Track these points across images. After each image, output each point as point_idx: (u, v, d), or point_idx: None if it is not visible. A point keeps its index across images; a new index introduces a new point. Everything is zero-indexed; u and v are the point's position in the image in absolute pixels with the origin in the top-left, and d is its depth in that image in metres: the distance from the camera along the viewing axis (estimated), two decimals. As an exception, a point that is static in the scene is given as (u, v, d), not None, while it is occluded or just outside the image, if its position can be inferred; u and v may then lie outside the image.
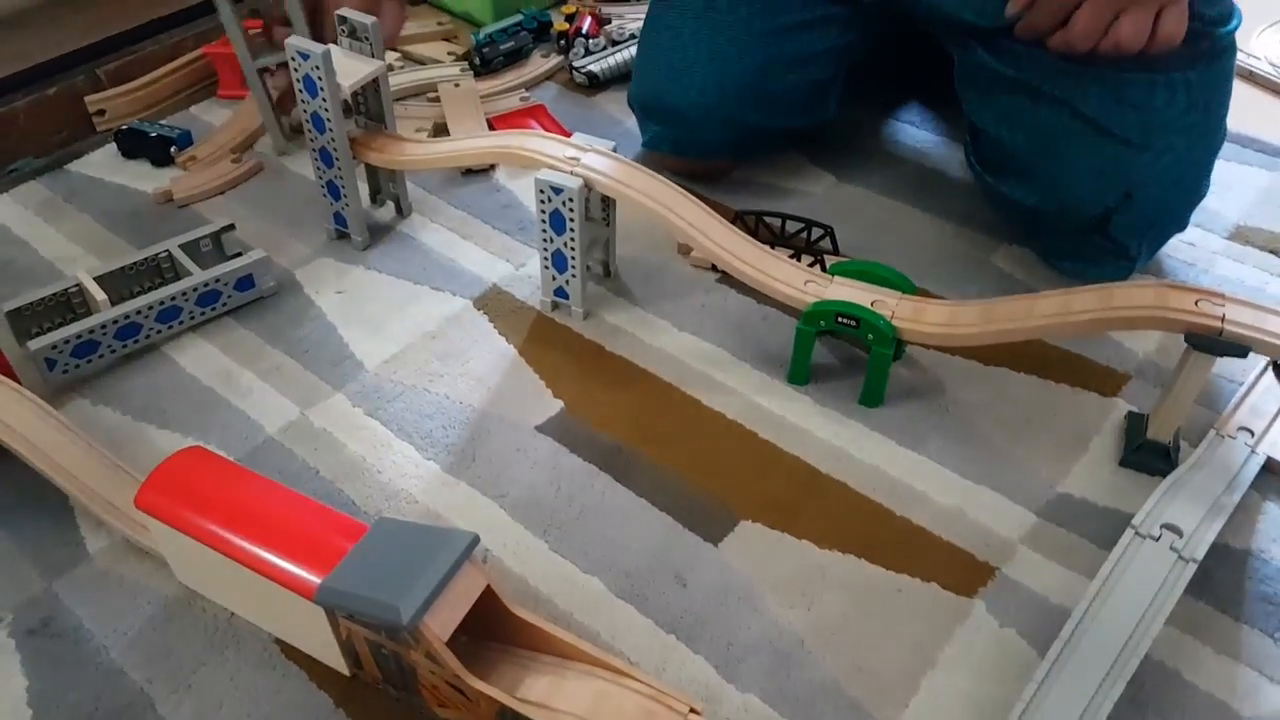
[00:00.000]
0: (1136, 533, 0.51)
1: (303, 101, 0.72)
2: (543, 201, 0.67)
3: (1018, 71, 0.70)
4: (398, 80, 0.96)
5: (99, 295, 0.68)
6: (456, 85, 0.95)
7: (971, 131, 0.79)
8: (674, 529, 0.58)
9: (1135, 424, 0.62)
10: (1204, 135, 0.68)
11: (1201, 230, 0.79)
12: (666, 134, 0.83)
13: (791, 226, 0.76)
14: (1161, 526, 0.52)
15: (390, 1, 0.79)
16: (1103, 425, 0.64)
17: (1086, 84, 0.67)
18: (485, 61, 0.99)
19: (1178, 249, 0.78)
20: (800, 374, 0.67)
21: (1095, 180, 0.69)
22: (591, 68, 0.98)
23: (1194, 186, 0.70)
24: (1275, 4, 1.11)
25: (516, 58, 1.01)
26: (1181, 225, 0.74)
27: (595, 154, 0.68)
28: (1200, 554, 0.50)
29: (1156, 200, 0.69)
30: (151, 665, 0.52)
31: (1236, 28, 0.69)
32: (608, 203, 0.71)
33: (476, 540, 0.46)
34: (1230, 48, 0.69)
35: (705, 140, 0.82)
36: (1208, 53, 0.67)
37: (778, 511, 0.59)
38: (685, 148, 0.82)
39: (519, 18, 1.03)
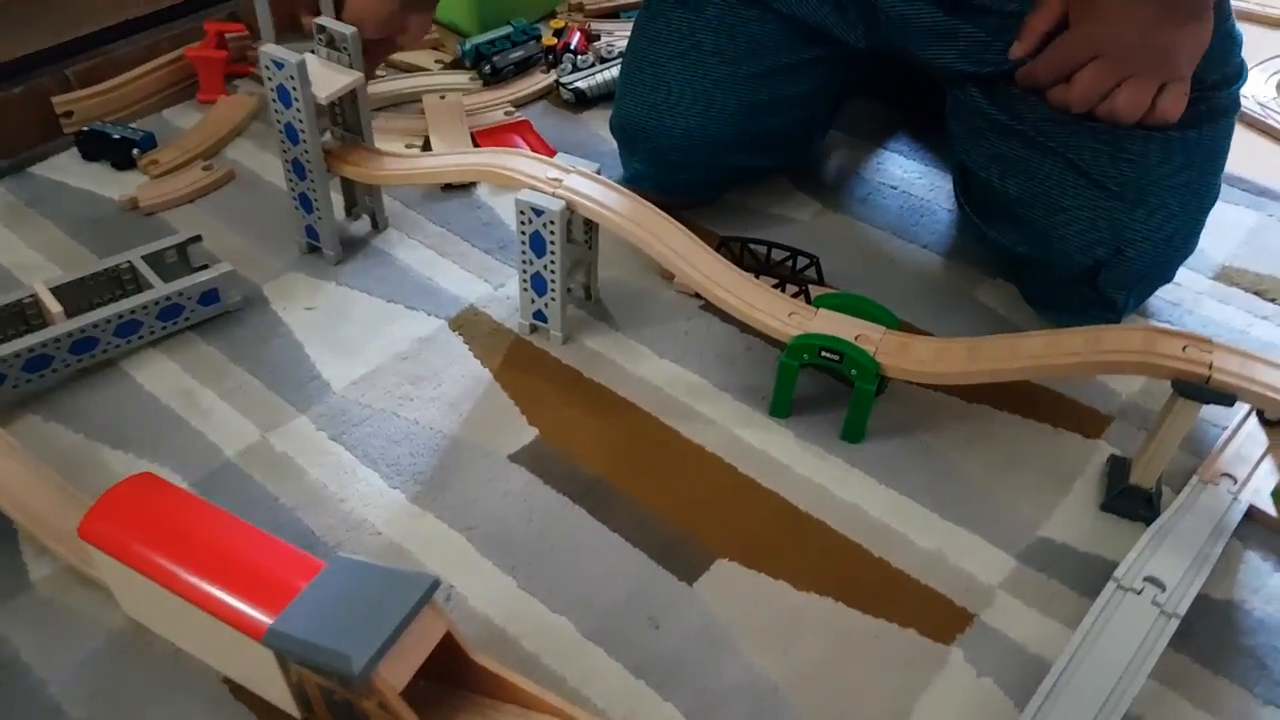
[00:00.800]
0: (1119, 585, 0.50)
1: (276, 112, 0.70)
2: (523, 223, 0.66)
3: (1012, 118, 0.69)
4: (398, 86, 0.95)
5: (54, 307, 0.66)
6: (442, 97, 0.93)
7: (961, 170, 0.77)
8: (648, 567, 0.56)
9: (1118, 468, 0.61)
10: (1197, 194, 0.67)
11: (1187, 270, 0.79)
12: (648, 173, 0.81)
13: (777, 255, 0.75)
14: (1144, 579, 0.50)
15: (416, 15, 0.76)
16: (1085, 467, 0.63)
17: (1082, 136, 0.66)
18: (496, 70, 0.97)
19: (1163, 290, 0.77)
20: (782, 408, 0.65)
21: (1087, 234, 0.67)
22: (579, 84, 0.96)
23: (1184, 243, 0.69)
24: (1263, 44, 1.11)
25: (526, 66, 0.99)
26: (1168, 278, 0.73)
27: (579, 175, 0.66)
28: (1183, 609, 0.49)
29: (1148, 257, 0.67)
30: (93, 703, 0.50)
31: (1241, 86, 0.68)
32: (590, 225, 0.69)
33: (436, 584, 0.44)
34: (1232, 106, 0.68)
35: (689, 181, 0.81)
36: (1206, 114, 0.65)
37: (755, 550, 0.57)
38: (667, 187, 0.81)
39: (508, 29, 1.01)
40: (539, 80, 0.99)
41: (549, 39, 1.01)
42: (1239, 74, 0.67)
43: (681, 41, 0.76)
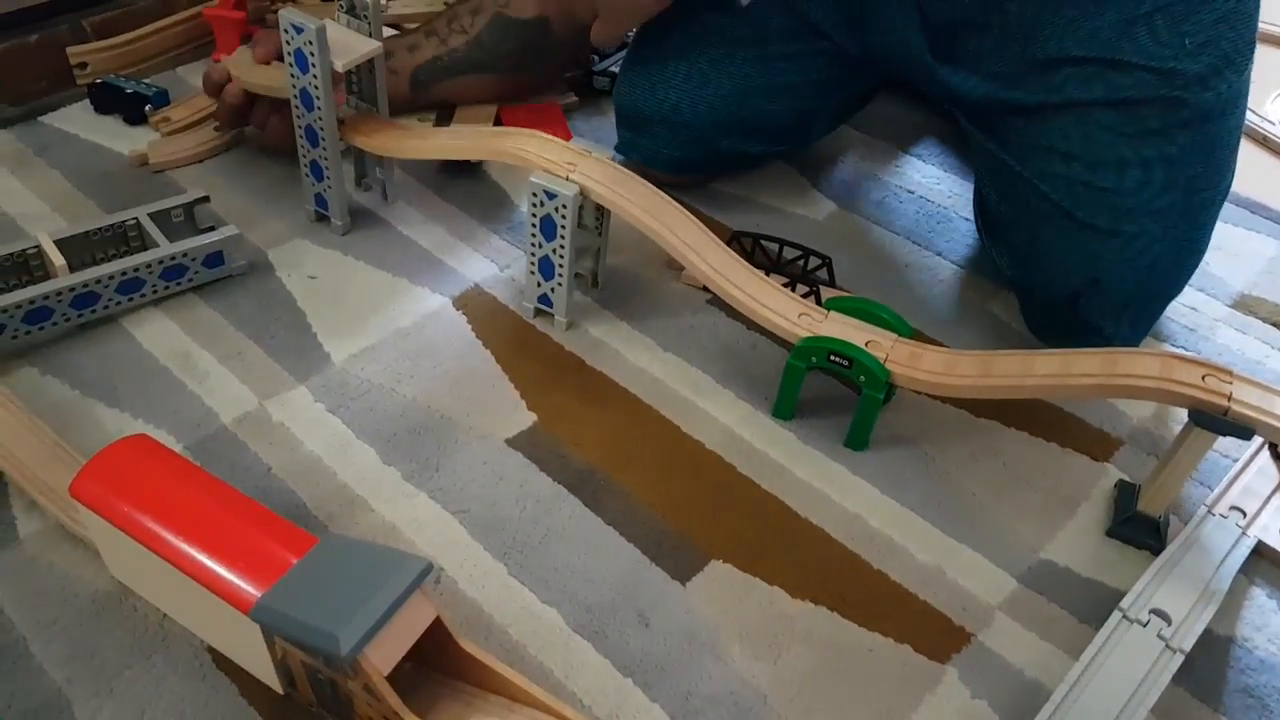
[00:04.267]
0: (1125, 616, 0.49)
1: (293, 77, 0.68)
2: (535, 205, 0.64)
3: (999, 146, 0.68)
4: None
5: (58, 260, 0.65)
6: None
7: (976, 185, 0.76)
8: (641, 563, 0.56)
9: (1126, 494, 0.60)
10: (1186, 214, 0.62)
11: (1205, 296, 0.78)
12: (636, 142, 0.80)
13: (789, 253, 0.74)
14: (1150, 612, 0.49)
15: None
16: (1091, 491, 0.62)
17: (1055, 164, 0.64)
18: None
19: (1179, 313, 0.76)
20: (786, 409, 0.64)
21: (1061, 263, 0.65)
22: (614, 69, 0.94)
23: (1176, 265, 0.65)
24: (1290, 68, 1.10)
25: None
26: (1171, 296, 0.70)
27: (594, 161, 0.65)
28: (1189, 644, 0.48)
29: (1128, 285, 0.64)
30: (73, 664, 0.49)
31: (1230, 87, 0.60)
32: (601, 212, 0.68)
33: (429, 569, 0.43)
34: (1220, 110, 0.61)
35: (673, 157, 0.79)
36: (1187, 121, 0.60)
37: (751, 553, 0.56)
38: (653, 160, 0.80)
39: None
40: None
41: None
42: (1220, 68, 0.59)
43: (680, 18, 0.75)
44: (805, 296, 0.66)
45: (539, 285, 0.69)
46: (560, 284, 0.68)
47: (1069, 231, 0.64)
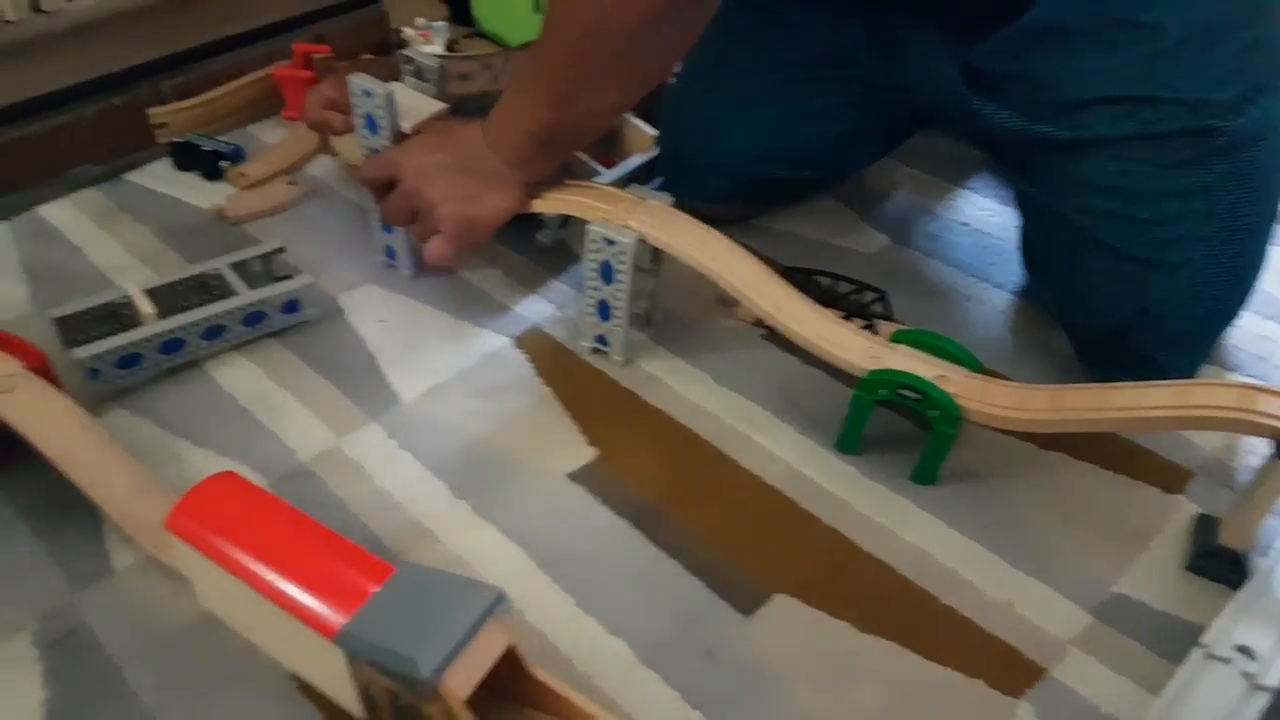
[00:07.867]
0: (1207, 653, 0.48)
1: (363, 139, 0.72)
2: (594, 251, 0.66)
3: (1033, 185, 0.68)
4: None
5: (148, 309, 0.68)
6: None
7: (1020, 220, 0.76)
8: (706, 596, 0.56)
9: (1206, 527, 0.59)
10: (1229, 241, 0.62)
11: (1276, 324, 0.76)
12: (676, 177, 0.80)
13: (843, 288, 0.75)
14: (1233, 648, 0.48)
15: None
16: (1163, 524, 0.61)
17: (1096, 199, 0.64)
18: None
19: (1249, 342, 0.75)
20: (851, 443, 0.64)
21: (1107, 296, 0.65)
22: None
23: (1223, 295, 0.65)
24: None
25: None
26: (1224, 325, 0.68)
27: (649, 207, 0.67)
28: (1276, 681, 0.47)
29: (1178, 315, 0.64)
30: (164, 690, 0.51)
31: (1264, 113, 0.60)
32: (657, 253, 0.70)
33: (503, 597, 0.44)
34: (1257, 135, 0.60)
35: (714, 187, 0.80)
36: (1222, 149, 0.60)
37: (814, 588, 0.57)
38: (694, 193, 0.78)
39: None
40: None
41: None
42: (1253, 95, 0.59)
43: (708, 53, 0.77)
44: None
45: (596, 326, 0.71)
46: (618, 325, 0.69)
47: (1112, 264, 0.64)
